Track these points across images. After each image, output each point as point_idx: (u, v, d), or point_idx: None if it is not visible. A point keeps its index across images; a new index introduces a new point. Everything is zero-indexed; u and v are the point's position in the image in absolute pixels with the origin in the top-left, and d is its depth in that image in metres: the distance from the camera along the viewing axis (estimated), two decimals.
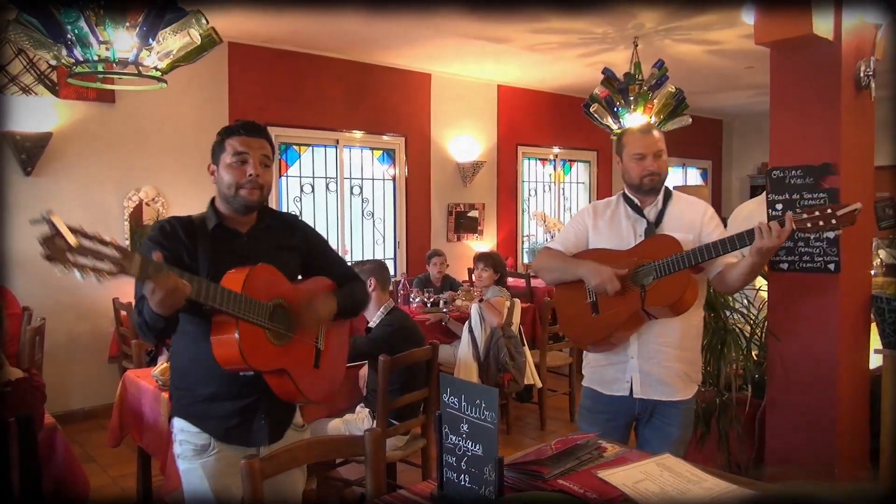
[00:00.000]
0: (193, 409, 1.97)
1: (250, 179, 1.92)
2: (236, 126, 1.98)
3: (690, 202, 2.47)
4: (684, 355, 2.37)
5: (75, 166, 5.20)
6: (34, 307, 4.49)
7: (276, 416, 2.02)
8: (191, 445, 1.96)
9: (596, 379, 2.47)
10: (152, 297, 1.68)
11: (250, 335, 1.82)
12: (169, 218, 2.00)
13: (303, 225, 2.19)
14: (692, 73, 7.16)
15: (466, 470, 1.61)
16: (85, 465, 2.73)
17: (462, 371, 4.40)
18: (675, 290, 2.23)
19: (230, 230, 1.99)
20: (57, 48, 3.06)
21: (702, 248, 2.20)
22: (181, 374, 2.02)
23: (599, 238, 2.45)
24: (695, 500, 1.59)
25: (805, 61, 2.68)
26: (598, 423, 2.40)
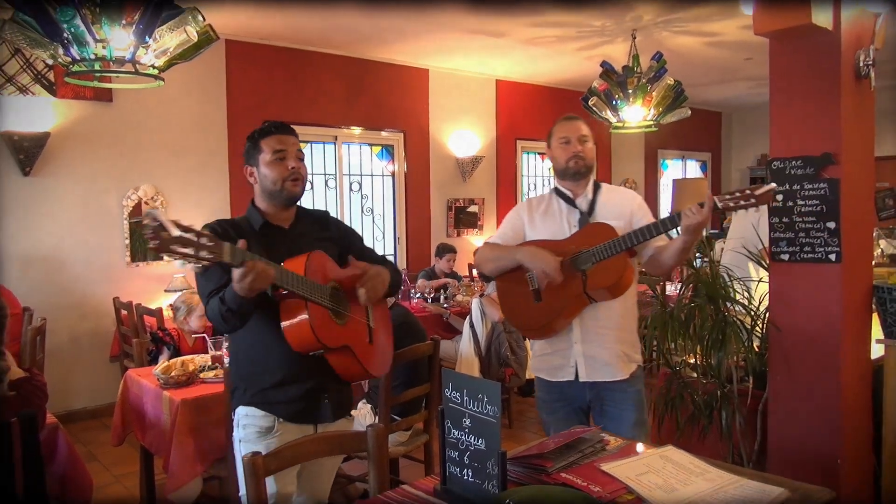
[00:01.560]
0: (261, 397, 2.08)
1: (293, 172, 2.07)
2: (268, 127, 2.12)
3: (620, 192, 2.62)
4: (623, 336, 2.47)
5: (74, 166, 5.19)
6: (35, 307, 4.50)
7: (338, 396, 2.16)
8: (255, 428, 2.07)
9: (542, 367, 2.56)
10: (242, 282, 1.79)
11: (318, 315, 1.96)
12: (217, 220, 2.12)
13: (333, 218, 2.33)
14: (691, 66, 7.14)
15: (469, 464, 1.61)
16: (88, 464, 2.73)
17: (464, 366, 4.40)
18: (614, 273, 2.35)
19: (275, 226, 2.13)
20: (53, 47, 3.05)
21: (636, 232, 2.33)
22: (246, 364, 2.12)
23: (535, 231, 2.54)
24: (698, 491, 1.59)
25: (804, 51, 2.67)
26: (555, 411, 2.53)
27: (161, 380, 3.11)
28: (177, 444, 2.92)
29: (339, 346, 2.02)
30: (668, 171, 10.50)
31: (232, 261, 1.75)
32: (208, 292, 1.99)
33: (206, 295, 2.00)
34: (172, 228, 1.61)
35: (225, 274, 1.91)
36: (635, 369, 2.51)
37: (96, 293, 5.23)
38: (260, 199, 2.14)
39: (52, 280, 5.07)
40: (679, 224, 2.29)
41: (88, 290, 5.21)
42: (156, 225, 1.59)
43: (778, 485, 1.63)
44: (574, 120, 2.57)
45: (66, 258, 5.09)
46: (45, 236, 5.02)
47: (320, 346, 1.97)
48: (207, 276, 2.00)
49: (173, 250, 1.62)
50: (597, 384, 2.47)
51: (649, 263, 2.50)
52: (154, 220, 1.60)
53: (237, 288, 1.83)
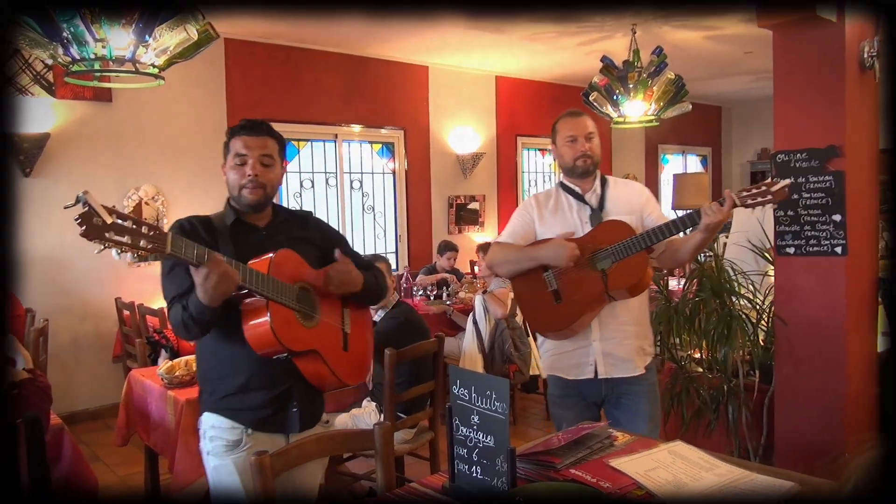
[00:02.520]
0: (225, 403, 1.98)
1: (250, 179, 1.95)
2: (238, 126, 2.02)
3: (627, 185, 2.58)
4: (639, 331, 2.46)
5: (74, 166, 5.18)
6: (37, 309, 4.49)
7: (307, 405, 2.04)
8: (222, 441, 1.97)
9: (559, 366, 2.51)
10: (204, 284, 1.71)
11: (280, 316, 1.85)
12: (187, 217, 2.03)
13: (315, 218, 2.23)
14: (691, 60, 7.12)
15: (478, 461, 1.60)
16: (92, 465, 2.72)
17: (467, 363, 4.40)
18: (636, 272, 2.31)
19: (248, 225, 2.04)
20: (53, 47, 3.04)
21: (656, 230, 2.29)
22: (210, 368, 2.03)
23: (546, 229, 2.48)
24: (708, 486, 1.58)
25: (808, 43, 2.66)
26: (569, 408, 2.49)
27: (165, 380, 3.10)
28: (182, 443, 2.91)
29: (304, 349, 1.91)
30: (668, 165, 10.49)
31: (188, 257, 1.68)
32: (171, 296, 1.90)
33: (169, 299, 1.91)
34: (105, 214, 1.51)
35: (189, 277, 1.81)
36: (650, 361, 2.50)
37: (98, 294, 5.22)
38: (232, 199, 2.06)
39: (54, 281, 5.06)
40: (698, 222, 2.26)
41: (90, 290, 5.20)
42: (85, 211, 1.49)
43: (787, 479, 1.62)
44: (578, 116, 2.51)
45: (67, 259, 5.08)
46: (46, 237, 5.01)
47: (283, 349, 1.86)
48: (171, 278, 1.91)
49: (106, 238, 1.52)
50: (613, 379, 2.44)
51: (662, 258, 2.48)
52: (84, 204, 1.49)
53: (200, 293, 1.74)
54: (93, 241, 1.52)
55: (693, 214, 2.27)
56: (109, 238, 1.53)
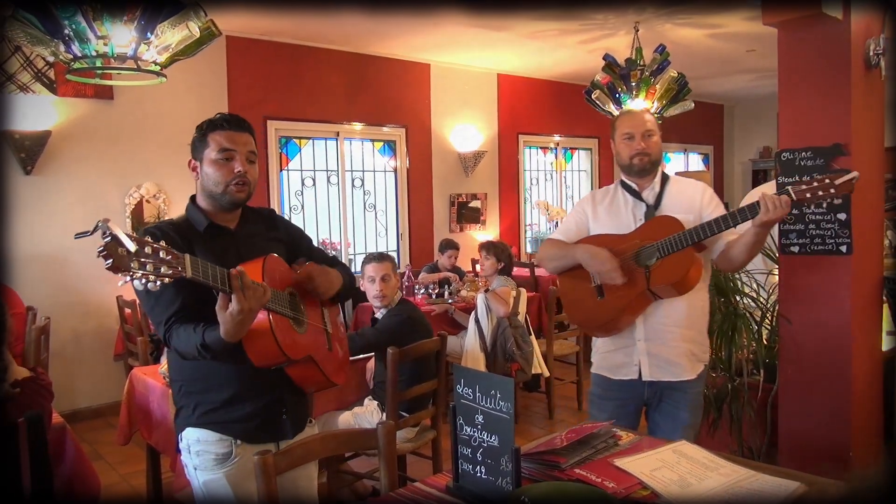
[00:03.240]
0: (210, 417, 1.88)
1: (239, 175, 1.86)
2: (219, 120, 1.91)
3: (689, 184, 2.48)
4: (690, 334, 2.36)
5: (75, 164, 5.17)
6: (38, 306, 4.48)
7: (296, 410, 1.99)
8: (211, 455, 1.88)
9: (604, 365, 2.48)
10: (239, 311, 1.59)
11: (281, 326, 1.76)
12: (156, 224, 1.93)
13: (279, 217, 2.15)
14: (693, 58, 7.11)
15: (482, 461, 1.59)
16: (94, 464, 2.71)
17: (469, 362, 4.38)
18: (679, 269, 2.24)
19: (221, 228, 1.93)
20: (55, 44, 3.03)
21: (703, 225, 2.22)
22: (192, 382, 1.90)
23: (599, 225, 2.46)
24: (714, 486, 1.57)
25: (813, 41, 2.64)
26: (608, 409, 2.42)
27: (167, 378, 3.09)
28: None
29: (302, 356, 1.82)
30: (670, 164, 10.47)
31: (207, 280, 1.54)
32: (166, 318, 1.75)
33: (164, 322, 1.75)
34: (129, 243, 1.36)
35: (179, 292, 1.72)
36: (702, 370, 2.41)
37: (99, 292, 5.21)
38: (201, 198, 1.92)
39: (55, 279, 5.05)
40: (750, 217, 2.15)
41: (91, 288, 5.20)
42: (108, 241, 1.34)
43: (793, 479, 1.61)
44: (638, 113, 2.47)
45: (69, 257, 5.07)
46: (47, 235, 5.00)
47: (285, 359, 1.77)
48: (156, 297, 1.71)
49: (132, 269, 1.37)
50: (658, 383, 2.37)
51: (721, 259, 2.37)
52: (105, 233, 1.34)
53: (228, 322, 1.60)
54: (118, 275, 1.38)
55: (745, 210, 2.16)
56: (135, 269, 1.38)
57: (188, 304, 1.76)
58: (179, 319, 1.75)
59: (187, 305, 1.76)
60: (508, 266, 4.71)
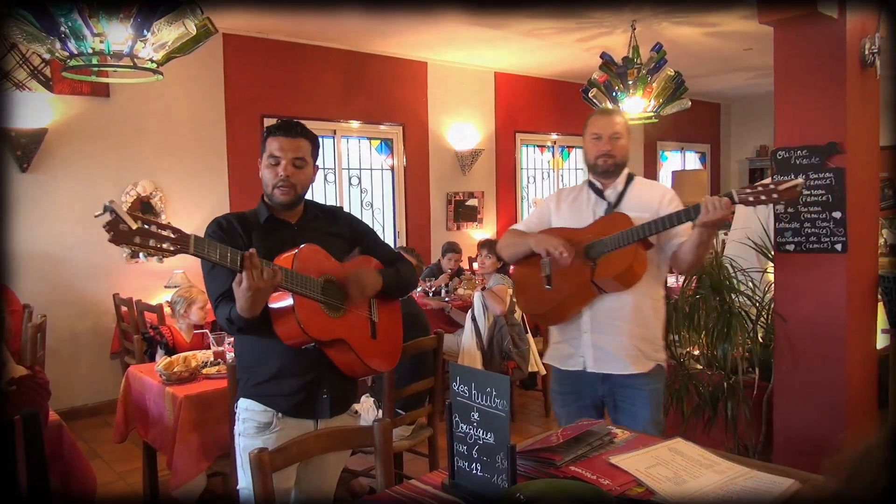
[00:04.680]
0: (259, 389, 2.08)
1: (281, 180, 2.05)
2: (274, 126, 2.11)
3: (652, 186, 2.55)
4: (638, 331, 2.41)
5: (72, 162, 5.16)
6: (35, 304, 4.47)
7: (337, 392, 2.13)
8: (254, 423, 2.07)
9: (554, 355, 2.57)
10: (240, 293, 1.80)
11: (305, 307, 1.93)
12: (225, 214, 2.14)
13: (346, 214, 2.34)
14: (690, 56, 7.12)
15: (478, 458, 1.59)
16: (90, 462, 2.71)
17: (466, 360, 4.39)
18: (621, 263, 2.31)
19: (281, 221, 2.12)
20: (50, 41, 3.02)
21: (649, 223, 2.28)
22: (247, 357, 2.13)
23: (560, 220, 2.54)
24: (708, 483, 1.58)
25: (809, 40, 2.65)
26: (567, 404, 2.53)
27: (164, 376, 3.09)
28: (180, 440, 2.91)
29: (331, 339, 2.00)
30: (667, 162, 10.49)
31: (211, 257, 1.76)
32: (216, 296, 2.00)
33: (215, 298, 2.02)
34: (130, 221, 1.63)
35: (231, 275, 1.89)
36: (653, 367, 2.44)
37: (96, 290, 5.21)
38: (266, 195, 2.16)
39: (52, 277, 5.04)
40: (693, 217, 2.22)
41: (88, 286, 5.19)
42: (112, 218, 1.61)
43: (787, 476, 1.62)
44: (609, 115, 2.53)
45: (65, 255, 5.06)
46: (43, 233, 5.00)
47: (309, 339, 1.95)
48: (213, 276, 2.00)
49: (133, 242, 1.64)
50: (609, 378, 2.44)
51: (673, 260, 2.44)
52: (111, 213, 1.61)
53: (238, 302, 1.83)
54: (120, 246, 1.66)
55: (689, 210, 2.24)
56: (136, 243, 1.64)
57: None
58: (226, 299, 1.95)
59: None
60: (506, 264, 4.71)
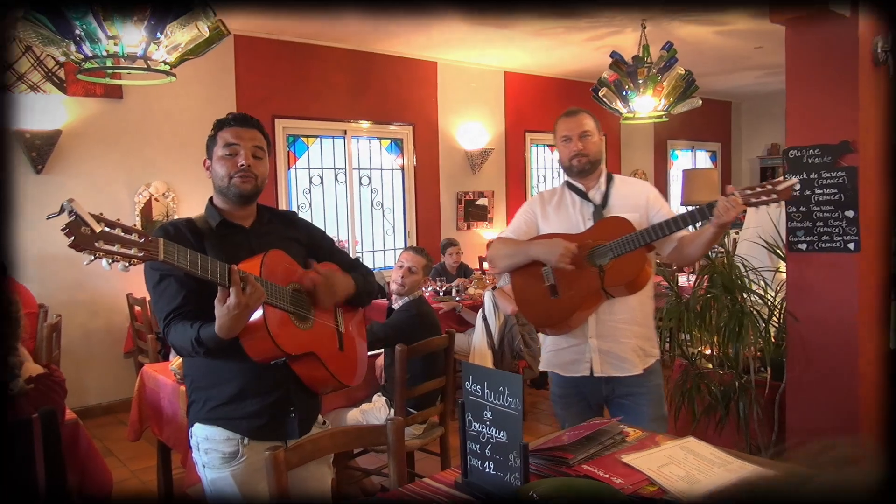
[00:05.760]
0: (219, 412, 1.89)
1: (241, 169, 1.90)
2: (227, 118, 1.97)
3: (633, 183, 2.56)
4: (640, 331, 2.41)
5: (85, 163, 5.21)
6: (49, 304, 4.52)
7: (305, 410, 1.99)
8: (218, 454, 1.89)
9: (555, 362, 2.52)
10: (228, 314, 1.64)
11: (276, 319, 1.78)
12: (171, 221, 1.98)
13: (300, 219, 2.17)
14: (700, 55, 7.09)
15: (491, 457, 1.60)
16: (105, 460, 2.74)
17: (477, 359, 4.40)
18: (632, 269, 2.29)
19: (234, 225, 1.96)
20: (66, 44, 3.05)
21: (658, 226, 2.26)
22: (201, 376, 1.93)
23: (549, 225, 2.49)
24: (721, 482, 1.58)
25: (821, 38, 2.64)
26: (569, 406, 2.49)
27: (178, 375, 3.12)
28: None
29: (302, 352, 1.84)
30: (677, 161, 10.45)
31: (182, 265, 1.58)
32: (166, 314, 1.80)
33: (164, 317, 1.80)
34: (93, 223, 1.43)
35: (182, 288, 1.76)
36: (652, 363, 2.45)
37: (109, 289, 5.26)
38: (216, 197, 1.98)
39: (66, 277, 5.09)
40: (706, 217, 2.21)
41: (101, 286, 5.24)
42: (72, 220, 1.41)
43: None
44: (574, 115, 2.48)
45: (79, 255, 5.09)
46: (58, 234, 5.00)
47: (281, 354, 1.79)
48: (160, 291, 1.81)
49: (95, 248, 1.44)
50: (612, 379, 2.42)
51: (674, 255, 2.43)
52: (70, 213, 1.41)
53: (223, 316, 1.65)
54: (82, 252, 1.45)
55: (697, 211, 2.23)
56: (99, 248, 1.45)
57: (190, 302, 1.79)
58: (179, 316, 1.79)
59: (189, 303, 1.79)
60: None
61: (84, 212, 1.42)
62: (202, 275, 1.63)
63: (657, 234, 2.26)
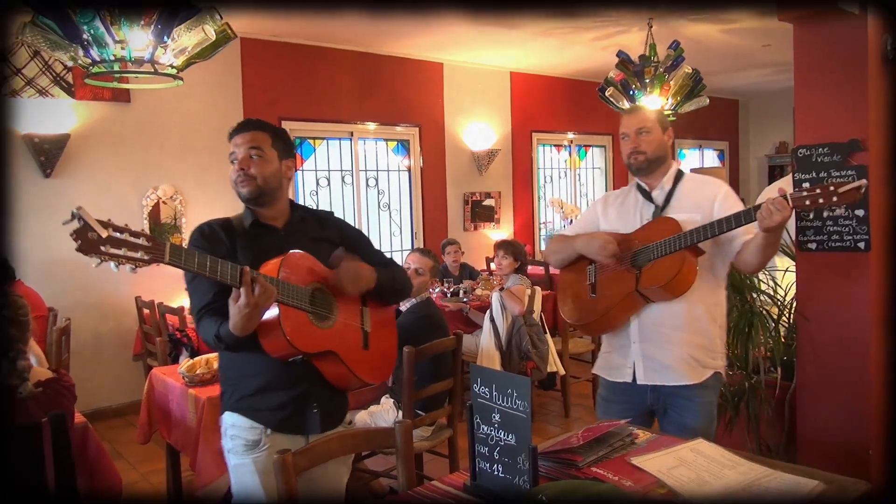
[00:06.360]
0: (245, 403, 1.99)
1: (238, 174, 1.98)
2: (232, 129, 2.06)
3: (704, 182, 2.41)
4: (693, 339, 2.29)
5: (93, 167, 5.24)
6: (59, 307, 4.54)
7: (328, 406, 2.04)
8: (242, 441, 1.98)
9: (602, 366, 2.47)
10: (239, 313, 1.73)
11: (292, 318, 1.84)
12: (207, 221, 2.06)
13: (335, 218, 2.23)
14: (707, 53, 7.06)
15: (500, 460, 1.60)
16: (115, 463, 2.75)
17: (485, 360, 4.39)
18: (668, 271, 2.20)
19: (266, 226, 2.04)
20: (73, 49, 3.07)
21: (698, 229, 2.16)
22: (231, 368, 2.04)
23: (608, 224, 2.46)
24: (731, 485, 1.57)
25: (830, 36, 2.62)
26: (613, 413, 2.37)
27: (186, 378, 3.13)
28: (203, 441, 2.94)
29: (319, 350, 1.91)
30: (685, 160, 10.41)
31: (188, 267, 1.67)
32: (197, 309, 1.93)
33: (196, 313, 1.93)
34: (99, 228, 1.52)
35: (213, 286, 1.84)
36: (709, 377, 2.31)
37: (118, 292, 5.28)
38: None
39: (75, 280, 5.11)
40: (746, 222, 2.10)
41: (110, 289, 5.26)
42: (80, 226, 1.50)
43: (812, 477, 1.60)
44: (634, 112, 2.45)
45: (88, 258, 5.11)
46: (66, 237, 5.02)
47: (296, 352, 1.86)
48: (194, 287, 1.93)
49: (101, 251, 1.53)
50: (659, 388, 2.32)
51: (737, 261, 2.29)
52: (79, 220, 1.51)
53: (235, 314, 1.74)
54: (89, 256, 1.54)
55: (741, 214, 2.11)
56: (105, 252, 1.54)
57: (219, 299, 1.87)
58: (209, 312, 1.90)
59: (218, 300, 1.88)
60: (523, 264, 4.71)
61: (91, 218, 1.51)
62: (210, 276, 1.71)
63: (697, 237, 2.16)
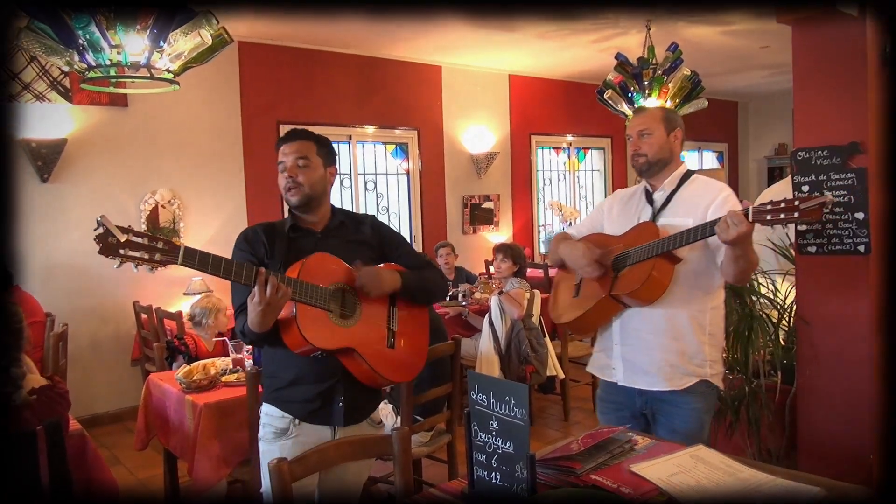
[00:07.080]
0: (278, 395, 2.12)
1: (287, 183, 2.10)
2: (280, 138, 2.17)
3: (706, 186, 2.35)
4: (675, 346, 2.26)
5: (91, 171, 5.22)
6: (55, 313, 4.53)
7: (353, 400, 2.13)
8: (272, 428, 2.11)
9: (594, 364, 2.53)
10: (254, 310, 1.86)
11: (308, 316, 1.95)
12: (254, 225, 2.19)
13: (371, 219, 2.31)
14: (706, 55, 7.06)
15: (497, 467, 1.58)
16: (112, 468, 2.74)
17: (484, 364, 4.38)
18: (638, 278, 2.21)
19: (304, 229, 2.16)
20: (69, 54, 3.06)
21: (670, 238, 2.14)
22: (268, 363, 2.20)
23: (611, 224, 2.47)
24: (732, 492, 1.55)
25: (829, 38, 2.61)
26: (608, 412, 2.46)
27: (183, 384, 3.11)
28: (201, 447, 2.93)
29: (336, 347, 2.00)
30: (684, 162, 10.39)
31: (201, 269, 1.80)
32: (236, 307, 2.07)
33: (236, 309, 2.07)
34: (118, 234, 1.71)
35: (248, 288, 1.94)
36: (694, 383, 2.27)
37: (116, 297, 5.26)
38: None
39: (73, 285, 5.10)
40: (708, 234, 2.07)
41: (108, 294, 5.24)
42: (101, 232, 1.69)
43: (812, 483, 1.59)
44: (637, 113, 2.46)
45: (86, 263, 5.11)
46: (64, 242, 5.05)
47: (312, 348, 1.97)
48: (234, 287, 2.05)
49: (121, 254, 1.71)
50: (645, 392, 2.34)
51: (720, 271, 2.24)
52: (101, 226, 1.70)
53: (251, 311, 1.87)
54: (109, 258, 1.72)
55: (702, 227, 2.08)
56: (124, 254, 1.71)
57: None
58: (243, 310, 2.00)
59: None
60: (522, 267, 4.70)
61: (111, 225, 1.71)
62: (224, 276, 1.84)
63: (667, 246, 2.14)
